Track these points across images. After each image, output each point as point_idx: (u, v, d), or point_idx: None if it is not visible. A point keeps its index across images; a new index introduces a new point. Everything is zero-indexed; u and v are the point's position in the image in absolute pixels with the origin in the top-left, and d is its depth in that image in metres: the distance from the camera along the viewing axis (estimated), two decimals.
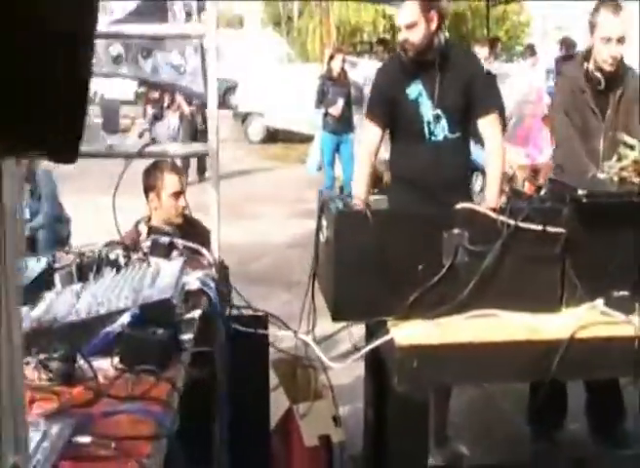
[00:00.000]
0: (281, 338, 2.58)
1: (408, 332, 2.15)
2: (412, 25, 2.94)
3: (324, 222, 2.34)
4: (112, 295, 1.71)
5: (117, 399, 1.42)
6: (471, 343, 2.16)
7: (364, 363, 2.91)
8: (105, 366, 1.55)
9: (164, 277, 1.79)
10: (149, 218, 3.53)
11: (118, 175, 2.90)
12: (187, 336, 1.66)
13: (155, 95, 14.27)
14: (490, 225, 2.19)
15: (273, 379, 2.98)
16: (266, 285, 5.93)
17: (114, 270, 1.98)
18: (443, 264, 2.22)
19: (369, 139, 3.20)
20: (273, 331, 2.52)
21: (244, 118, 13.72)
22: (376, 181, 3.54)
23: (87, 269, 2.04)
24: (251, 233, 7.99)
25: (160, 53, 2.47)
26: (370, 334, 2.45)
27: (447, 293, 2.22)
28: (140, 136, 14.45)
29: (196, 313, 1.73)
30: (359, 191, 2.90)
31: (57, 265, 2.14)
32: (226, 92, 15.68)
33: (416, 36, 2.96)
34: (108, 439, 1.24)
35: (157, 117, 13.92)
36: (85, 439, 1.22)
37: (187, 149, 2.50)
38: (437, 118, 3.02)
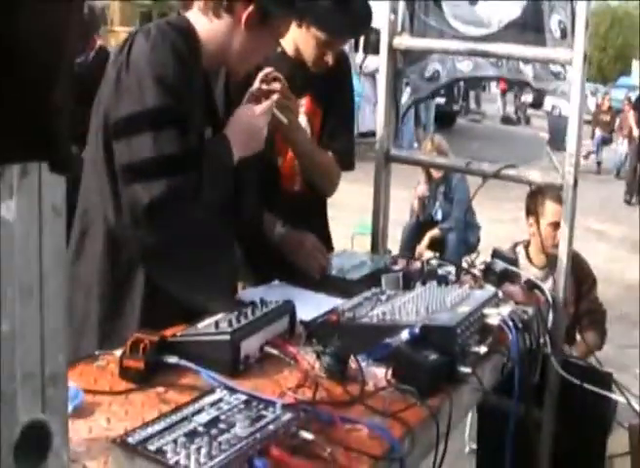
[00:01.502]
0: None
1: None
2: None
3: None
4: (409, 309, 1.72)
5: (370, 409, 1.44)
6: None
7: None
8: (380, 374, 1.58)
9: (467, 304, 1.74)
10: (528, 243, 3.45)
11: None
12: (466, 370, 1.58)
13: (606, 117, 13.68)
14: None
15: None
16: None
17: (436, 284, 1.98)
18: None
19: None
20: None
21: None
22: None
23: (413, 278, 2.09)
24: None
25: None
26: None
27: None
28: (586, 157, 14.06)
29: (482, 349, 1.64)
30: None
31: (394, 268, 2.23)
32: None
33: None
34: (330, 444, 1.26)
35: (605, 141, 13.35)
36: (308, 436, 1.26)
37: (544, 179, 2.33)
38: None
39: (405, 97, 2.68)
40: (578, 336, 3.43)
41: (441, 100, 16.54)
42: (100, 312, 1.75)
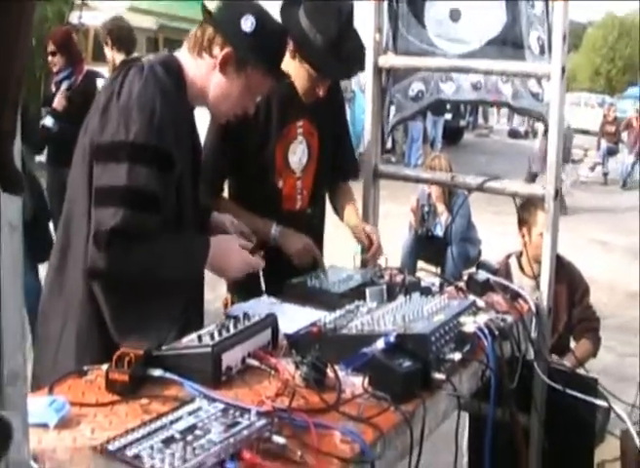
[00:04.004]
0: None
1: None
2: None
3: None
4: (387, 319, 1.79)
5: (345, 416, 1.50)
6: None
7: None
8: (357, 383, 1.64)
9: (443, 313, 1.80)
10: (521, 253, 3.50)
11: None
12: (440, 376, 1.64)
13: (611, 128, 13.76)
14: None
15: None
16: None
17: (418, 295, 2.04)
18: None
19: None
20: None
21: None
22: None
23: (397, 290, 2.15)
24: None
25: (519, 79, 2.45)
26: None
27: None
28: (592, 169, 14.10)
29: (457, 355, 1.70)
30: None
31: (379, 281, 2.29)
32: None
33: None
34: (303, 448, 1.32)
35: (611, 152, 13.40)
36: (281, 440, 1.32)
37: (526, 190, 2.39)
38: None
39: (390, 116, 2.76)
40: (572, 344, 3.47)
41: (448, 116, 16.65)
42: (81, 321, 1.82)
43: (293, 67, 2.28)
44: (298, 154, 2.45)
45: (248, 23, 1.83)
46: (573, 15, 2.29)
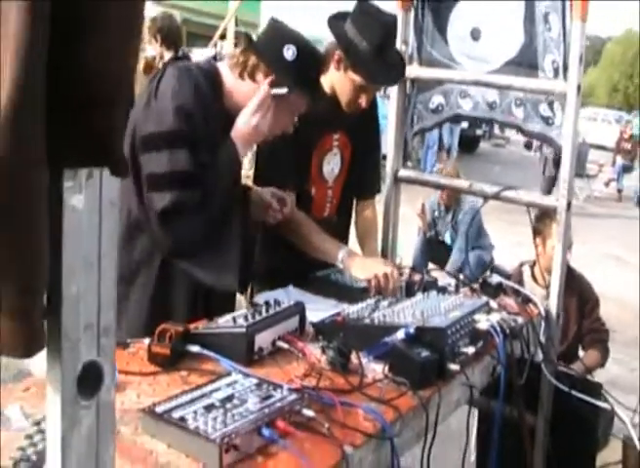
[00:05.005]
0: None
1: None
2: None
3: None
4: (407, 312, 1.91)
5: (366, 397, 1.63)
6: None
7: None
8: (378, 369, 1.77)
9: (459, 310, 1.93)
10: (534, 262, 3.62)
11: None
12: (455, 367, 1.77)
13: (628, 145, 13.85)
14: None
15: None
16: None
17: (435, 293, 2.17)
18: None
19: None
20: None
21: None
22: None
23: (415, 288, 2.28)
24: None
25: (530, 102, 2.55)
26: None
27: None
28: (606, 184, 14.16)
29: (470, 349, 1.82)
30: None
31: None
32: None
33: None
34: (330, 422, 1.45)
35: (626, 169, 13.47)
36: (310, 413, 1.45)
37: (541, 201, 2.51)
38: None
39: (413, 125, 2.88)
40: (581, 353, 3.59)
41: (464, 124, 16.71)
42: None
43: (337, 78, 2.38)
44: (331, 165, 2.56)
45: (289, 52, 1.99)
46: (593, 29, 2.37)
